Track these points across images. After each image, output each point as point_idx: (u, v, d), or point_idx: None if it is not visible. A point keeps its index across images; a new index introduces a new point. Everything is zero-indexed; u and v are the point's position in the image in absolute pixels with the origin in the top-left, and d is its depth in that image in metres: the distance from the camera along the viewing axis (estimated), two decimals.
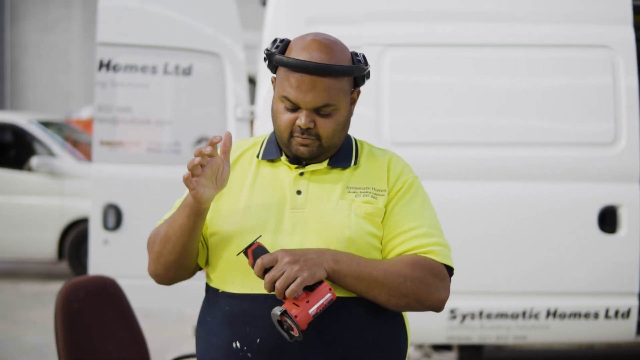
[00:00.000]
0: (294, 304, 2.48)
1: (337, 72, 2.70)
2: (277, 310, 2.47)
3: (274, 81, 2.83)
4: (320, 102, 2.68)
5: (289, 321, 2.46)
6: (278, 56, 2.72)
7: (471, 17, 5.47)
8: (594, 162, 5.33)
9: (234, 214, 2.75)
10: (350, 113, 2.81)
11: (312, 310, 2.48)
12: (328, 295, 2.51)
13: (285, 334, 2.50)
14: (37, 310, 9.66)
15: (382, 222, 2.76)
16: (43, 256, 11.31)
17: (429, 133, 5.41)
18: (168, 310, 8.49)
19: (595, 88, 5.39)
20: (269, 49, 2.78)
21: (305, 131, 2.70)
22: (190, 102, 6.38)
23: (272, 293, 2.56)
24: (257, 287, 2.65)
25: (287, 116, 2.72)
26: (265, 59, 2.81)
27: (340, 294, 2.65)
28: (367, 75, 2.80)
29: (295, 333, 2.48)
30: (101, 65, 6.21)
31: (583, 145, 5.34)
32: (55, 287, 11.06)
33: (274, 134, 2.87)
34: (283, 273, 2.50)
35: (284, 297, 2.49)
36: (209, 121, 6.33)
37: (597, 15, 5.44)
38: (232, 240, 2.72)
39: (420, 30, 5.45)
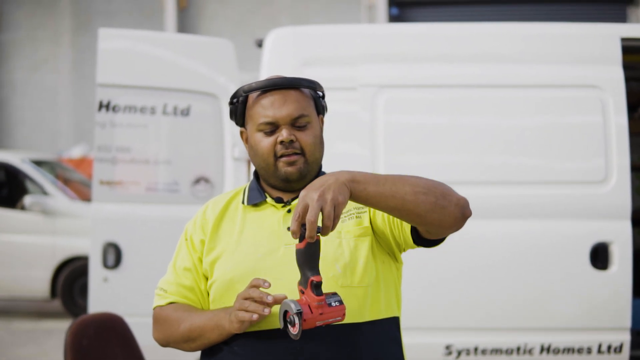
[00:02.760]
0: (309, 306, 2.54)
1: (302, 83, 2.87)
2: (292, 306, 2.52)
3: (243, 132, 2.97)
4: (295, 112, 2.83)
5: (297, 320, 2.52)
6: (247, 85, 2.87)
7: (463, 58, 5.55)
8: (586, 200, 5.40)
9: (228, 259, 2.84)
10: (322, 133, 2.94)
11: (320, 322, 2.55)
12: (339, 318, 2.58)
13: (282, 323, 2.57)
14: (30, 348, 9.65)
15: (380, 226, 2.85)
16: (36, 294, 11.32)
17: (423, 173, 5.44)
18: (162, 347, 8.49)
19: (586, 127, 5.46)
20: (231, 100, 2.94)
21: (290, 145, 2.81)
22: (189, 142, 6.44)
23: (279, 328, 2.64)
24: (264, 324, 2.72)
25: (267, 141, 2.84)
26: (233, 102, 2.95)
27: (351, 319, 2.72)
28: (326, 108, 2.97)
29: (294, 331, 2.54)
30: (101, 106, 6.28)
31: (575, 184, 5.41)
32: (48, 325, 11.08)
33: (254, 181, 2.98)
34: (321, 208, 2.47)
35: (318, 234, 2.49)
36: (206, 161, 6.40)
37: (587, 56, 5.52)
38: (232, 283, 2.79)
39: (413, 71, 5.52)
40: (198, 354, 3.05)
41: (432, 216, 2.62)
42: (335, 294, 2.59)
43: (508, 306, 5.41)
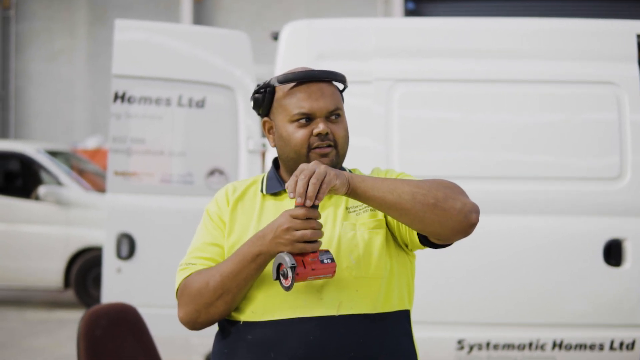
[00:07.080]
0: (302, 261, 2.61)
1: (336, 77, 2.91)
2: (287, 260, 2.59)
3: (266, 122, 2.97)
4: (331, 105, 2.86)
5: (290, 274, 2.59)
6: (281, 76, 2.88)
7: (479, 53, 5.54)
8: (600, 196, 5.38)
9: None
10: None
11: (311, 277, 2.63)
12: (329, 275, 2.66)
13: (275, 274, 2.64)
14: (43, 338, 9.68)
15: (390, 221, 2.87)
16: (49, 284, 11.35)
17: (438, 167, 5.46)
18: (175, 338, 8.53)
19: (601, 123, 5.45)
20: (258, 89, 2.94)
21: (325, 137, 2.83)
22: (203, 134, 6.45)
23: (296, 317, 2.70)
24: (278, 312, 2.75)
25: (302, 132, 2.85)
26: (259, 94, 2.94)
27: (363, 310, 2.75)
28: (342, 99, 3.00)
29: (286, 283, 2.61)
30: (116, 97, 6.30)
31: (589, 180, 5.40)
32: (61, 315, 11.11)
33: (272, 170, 3.01)
34: (315, 175, 2.55)
35: (305, 205, 2.57)
36: (221, 153, 6.41)
37: (603, 52, 5.51)
38: None
39: (429, 66, 5.52)
40: (209, 349, 3.04)
41: (430, 217, 2.64)
42: (327, 251, 2.66)
43: (520, 302, 5.41)
